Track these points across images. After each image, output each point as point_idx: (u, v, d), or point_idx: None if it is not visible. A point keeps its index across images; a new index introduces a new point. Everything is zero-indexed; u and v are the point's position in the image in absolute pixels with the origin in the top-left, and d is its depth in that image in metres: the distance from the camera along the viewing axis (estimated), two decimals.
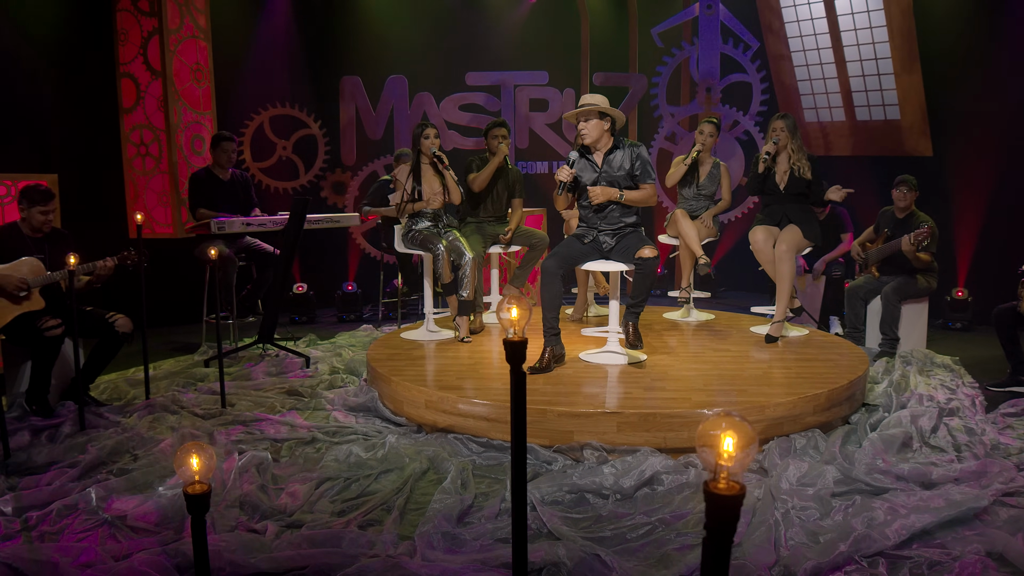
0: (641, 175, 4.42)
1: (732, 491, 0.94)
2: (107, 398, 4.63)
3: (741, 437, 0.99)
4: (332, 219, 5.72)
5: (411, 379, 4.19)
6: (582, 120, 4.36)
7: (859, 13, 7.15)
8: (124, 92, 6.22)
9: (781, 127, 4.98)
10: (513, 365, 1.60)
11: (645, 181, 4.42)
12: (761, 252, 5.03)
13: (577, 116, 4.38)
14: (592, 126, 4.34)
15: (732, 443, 0.98)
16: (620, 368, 4.37)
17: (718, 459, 0.97)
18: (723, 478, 0.96)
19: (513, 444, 1.54)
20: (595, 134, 4.35)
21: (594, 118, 4.34)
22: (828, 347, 4.89)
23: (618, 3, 8.30)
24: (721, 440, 0.98)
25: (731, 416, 1.00)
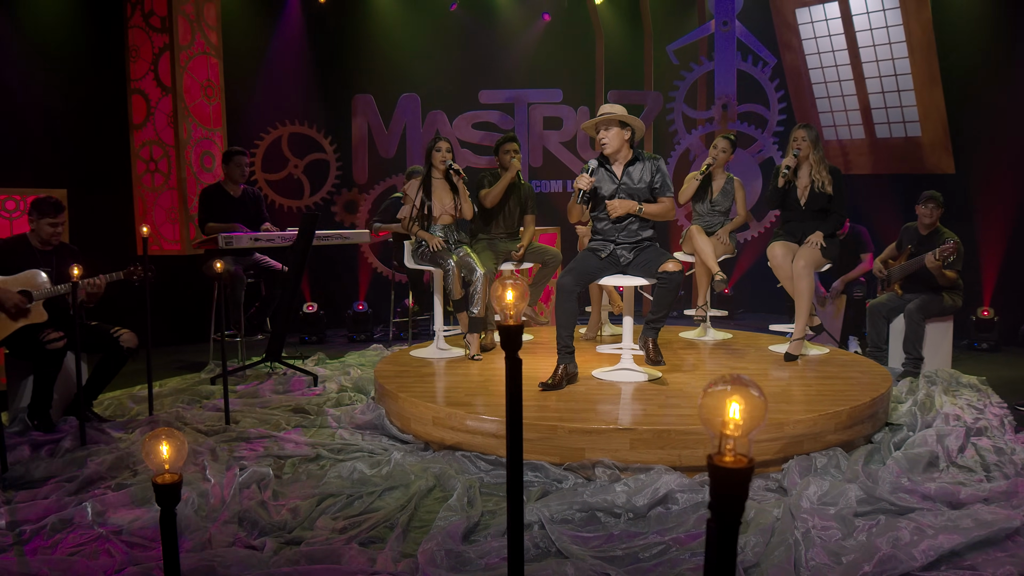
0: (660, 188, 4.36)
1: (740, 464, 0.87)
2: (110, 414, 4.60)
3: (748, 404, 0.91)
4: (342, 235, 5.70)
5: (419, 396, 4.12)
6: (603, 129, 4.31)
7: (878, 29, 7.10)
8: (134, 108, 6.27)
9: (803, 137, 4.89)
10: (508, 351, 1.52)
11: (664, 195, 4.36)
12: (780, 268, 4.94)
13: (597, 125, 4.33)
14: (613, 135, 4.29)
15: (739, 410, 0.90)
16: (635, 385, 4.28)
17: (723, 428, 0.90)
18: (729, 450, 0.88)
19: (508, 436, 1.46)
20: (616, 144, 4.31)
21: (615, 127, 4.29)
22: (849, 365, 4.78)
23: (633, 21, 8.31)
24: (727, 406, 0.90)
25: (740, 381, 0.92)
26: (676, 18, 8.14)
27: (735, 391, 0.93)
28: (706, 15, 7.75)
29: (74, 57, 6.13)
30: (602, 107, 4.34)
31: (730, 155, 5.54)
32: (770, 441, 3.53)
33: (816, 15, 7.46)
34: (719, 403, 0.94)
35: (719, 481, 0.88)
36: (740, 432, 0.92)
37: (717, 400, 0.94)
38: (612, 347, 4.77)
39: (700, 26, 7.80)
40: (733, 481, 0.87)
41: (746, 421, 0.94)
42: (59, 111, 6.04)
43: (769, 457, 3.54)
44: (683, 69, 7.90)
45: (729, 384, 0.93)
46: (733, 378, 0.93)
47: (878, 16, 7.07)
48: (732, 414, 0.95)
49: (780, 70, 7.72)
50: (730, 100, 7.59)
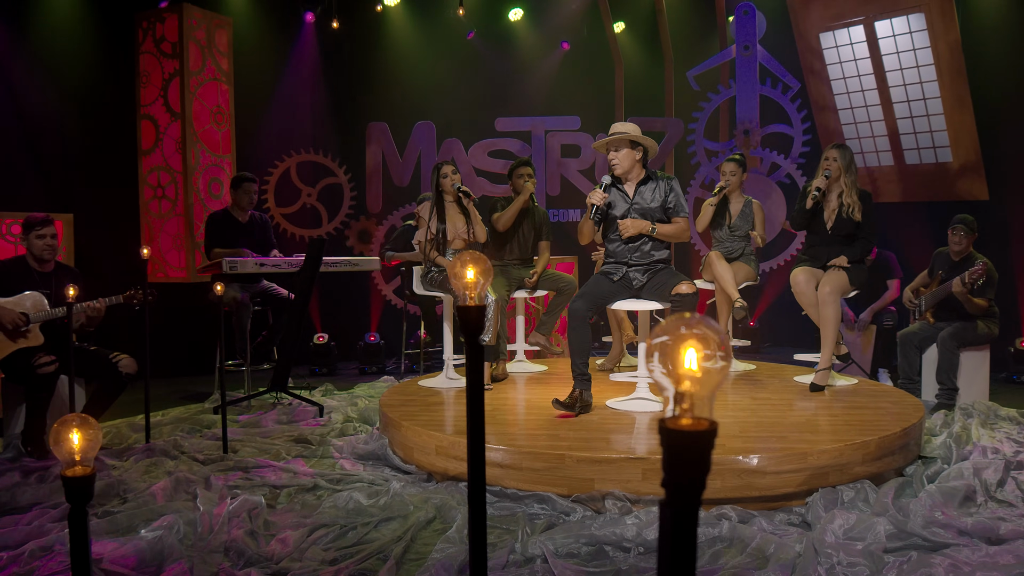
0: (674, 208, 4.27)
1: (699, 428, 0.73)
2: (107, 442, 4.53)
3: (708, 346, 0.76)
4: (351, 262, 5.64)
5: (422, 424, 4.00)
6: (612, 149, 4.24)
7: (904, 52, 7.00)
8: (144, 134, 6.32)
9: (835, 157, 4.74)
10: (468, 336, 1.41)
11: (678, 215, 4.27)
12: (803, 295, 4.79)
13: (607, 145, 4.26)
14: (623, 156, 4.22)
15: (696, 359, 0.76)
16: (650, 415, 4.13)
17: (678, 384, 0.76)
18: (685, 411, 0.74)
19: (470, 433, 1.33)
20: (626, 164, 4.23)
21: (625, 147, 4.22)
22: (879, 395, 4.59)
23: (653, 47, 8.29)
24: (680, 354, 0.76)
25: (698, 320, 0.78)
26: (697, 44, 8.11)
27: (690, 336, 0.78)
28: (727, 40, 7.70)
29: (86, 83, 6.20)
30: (613, 126, 4.27)
31: (742, 176, 5.44)
32: (792, 472, 3.36)
33: (840, 39, 7.39)
34: (671, 352, 0.78)
35: (674, 451, 0.74)
36: (699, 387, 0.78)
37: (668, 349, 0.78)
38: (627, 375, 4.63)
39: (721, 51, 7.75)
40: (692, 450, 0.74)
41: (707, 372, 0.80)
42: (69, 136, 6.10)
43: (792, 489, 3.36)
44: (704, 96, 7.83)
45: (684, 327, 0.79)
46: (688, 320, 0.79)
47: (904, 39, 6.97)
48: (688, 364, 0.80)
49: (804, 95, 7.63)
50: (752, 126, 7.50)
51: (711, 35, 8.01)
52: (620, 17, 8.31)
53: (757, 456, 3.34)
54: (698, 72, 7.74)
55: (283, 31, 7.42)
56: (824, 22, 7.44)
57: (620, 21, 8.40)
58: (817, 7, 7.45)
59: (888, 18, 7.01)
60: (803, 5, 7.53)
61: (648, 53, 8.40)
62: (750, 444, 3.54)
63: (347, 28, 7.58)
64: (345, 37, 7.62)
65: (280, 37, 7.41)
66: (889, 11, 6.98)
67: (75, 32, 6.18)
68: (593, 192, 4.21)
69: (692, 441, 0.74)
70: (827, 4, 7.37)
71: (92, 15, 6.25)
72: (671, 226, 4.26)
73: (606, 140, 4.26)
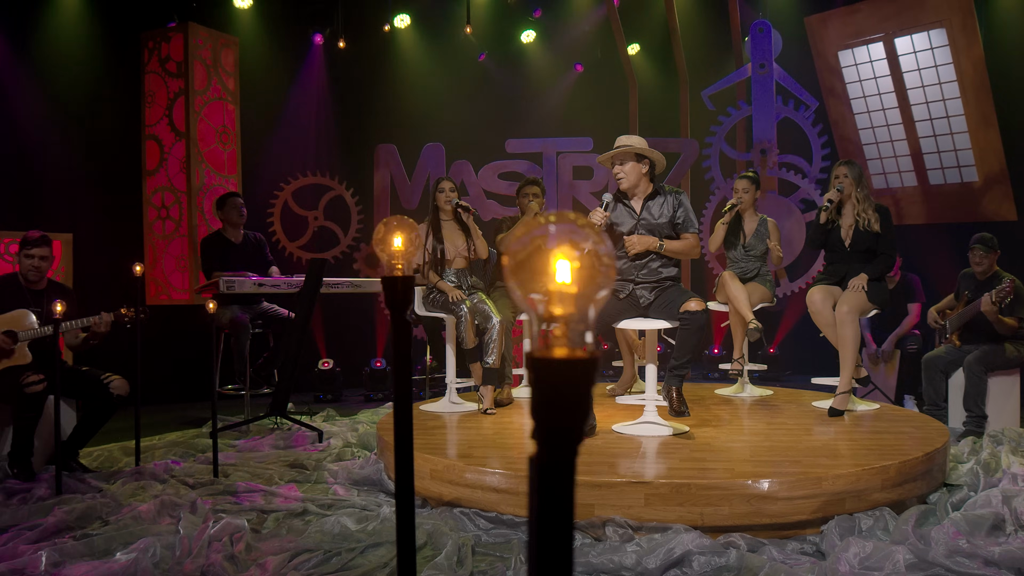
0: (683, 224, 4.17)
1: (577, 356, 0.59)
2: (98, 466, 4.46)
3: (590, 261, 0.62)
4: (353, 283, 5.57)
5: (418, 448, 3.88)
6: (617, 163, 4.15)
7: (926, 69, 6.88)
8: (148, 154, 6.33)
9: (844, 173, 4.68)
10: (394, 311, 1.30)
11: (687, 230, 4.17)
12: (819, 315, 4.65)
13: (612, 159, 4.17)
14: (629, 169, 4.12)
15: (570, 271, 0.61)
16: (658, 440, 3.98)
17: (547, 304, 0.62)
18: (557, 337, 0.60)
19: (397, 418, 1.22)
20: (632, 178, 4.13)
21: (631, 160, 4.13)
22: (902, 420, 4.41)
23: (667, 67, 8.24)
24: (550, 268, 0.62)
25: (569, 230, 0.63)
26: (712, 63, 8.04)
27: (560, 241, 0.63)
28: (743, 59, 7.62)
29: (90, 102, 6.24)
30: (619, 139, 4.19)
31: (755, 194, 5.33)
32: (806, 498, 3.20)
33: (860, 56, 7.29)
34: (537, 264, 0.63)
35: (544, 383, 0.61)
36: (574, 308, 0.66)
37: (535, 260, 0.63)
38: (634, 398, 4.49)
39: (736, 70, 7.67)
40: (566, 386, 0.60)
41: (585, 286, 0.66)
42: (73, 156, 6.12)
43: (805, 517, 3.20)
44: (719, 115, 7.74)
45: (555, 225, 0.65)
46: (560, 229, 0.64)
47: (926, 55, 6.86)
48: (559, 279, 0.66)
49: (822, 114, 7.52)
50: (769, 145, 7.39)
51: (726, 54, 7.94)
52: (633, 37, 8.28)
53: (768, 481, 3.19)
54: (713, 91, 7.66)
55: (291, 52, 7.45)
56: (843, 40, 7.36)
57: (635, 43, 8.37)
58: (835, 25, 7.37)
59: (908, 34, 6.91)
60: (821, 23, 7.46)
61: (663, 73, 8.35)
62: (761, 468, 3.39)
63: (356, 49, 7.60)
64: (354, 58, 7.63)
65: (288, 58, 7.43)
66: (909, 27, 6.89)
67: (80, 51, 6.23)
68: (594, 212, 4.11)
69: (566, 375, 0.59)
70: (845, 22, 7.29)
71: (97, 34, 6.30)
72: (680, 242, 4.16)
73: (611, 154, 4.17)
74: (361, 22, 7.53)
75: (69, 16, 6.28)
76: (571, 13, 8.16)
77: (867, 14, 7.13)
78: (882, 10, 7.02)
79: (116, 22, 6.37)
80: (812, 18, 7.49)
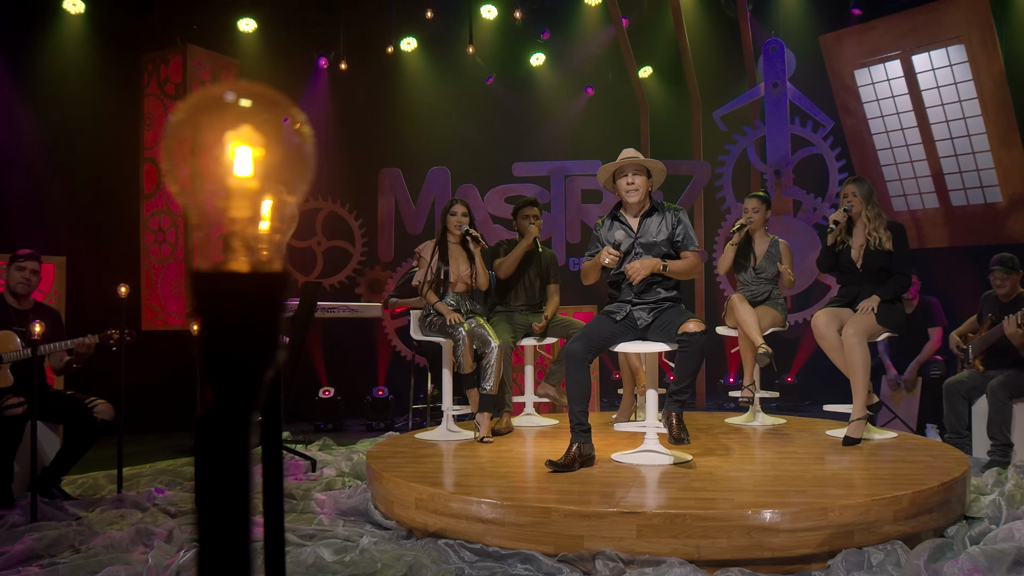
0: (683, 241, 4.03)
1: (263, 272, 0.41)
2: (82, 493, 4.38)
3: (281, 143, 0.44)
4: (350, 308, 5.49)
5: (405, 476, 3.76)
6: (632, 174, 4.02)
7: (945, 86, 6.74)
8: (146, 177, 6.33)
9: (853, 192, 4.56)
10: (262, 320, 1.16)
11: (688, 248, 4.03)
12: (824, 338, 4.49)
13: (624, 169, 4.04)
14: (642, 182, 4.02)
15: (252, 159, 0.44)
16: (658, 469, 3.83)
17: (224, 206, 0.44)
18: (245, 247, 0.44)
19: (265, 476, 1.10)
20: (643, 192, 4.03)
21: (643, 174, 4.03)
22: (920, 449, 4.22)
23: (679, 89, 8.16)
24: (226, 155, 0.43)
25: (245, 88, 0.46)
26: (725, 83, 7.96)
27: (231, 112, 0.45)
28: (756, 78, 7.53)
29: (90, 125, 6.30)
30: (625, 151, 4.08)
31: (765, 214, 5.20)
32: (811, 531, 3.03)
33: (877, 75, 7.17)
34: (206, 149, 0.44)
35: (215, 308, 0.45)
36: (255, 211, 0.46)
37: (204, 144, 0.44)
38: (634, 425, 4.33)
39: (748, 90, 7.58)
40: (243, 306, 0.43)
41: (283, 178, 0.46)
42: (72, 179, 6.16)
43: (810, 551, 3.03)
44: (732, 136, 7.63)
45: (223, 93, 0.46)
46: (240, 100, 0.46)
47: (944, 72, 6.73)
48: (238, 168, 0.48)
49: (839, 134, 7.38)
50: (784, 166, 7.26)
51: (739, 74, 7.86)
52: (645, 59, 8.23)
53: (770, 511, 3.02)
54: (725, 112, 7.56)
55: (294, 74, 7.48)
56: (859, 58, 7.25)
57: (647, 66, 8.32)
58: (851, 43, 7.27)
59: (926, 51, 6.79)
60: (836, 41, 7.36)
61: (675, 94, 8.28)
62: (763, 498, 3.22)
63: (360, 72, 7.61)
64: (358, 81, 7.65)
65: (291, 80, 7.46)
66: (927, 44, 6.77)
67: (81, 74, 6.30)
68: (602, 252, 3.95)
69: (245, 296, 0.41)
70: (861, 39, 7.19)
71: (99, 57, 6.38)
72: (682, 262, 4.03)
73: (623, 163, 4.04)
74: (366, 45, 7.55)
75: (71, 39, 6.36)
76: (580, 35, 8.13)
77: (883, 31, 7.02)
78: (899, 27, 6.91)
79: (118, 45, 6.43)
80: (827, 36, 7.39)
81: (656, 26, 7.93)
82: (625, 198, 4.07)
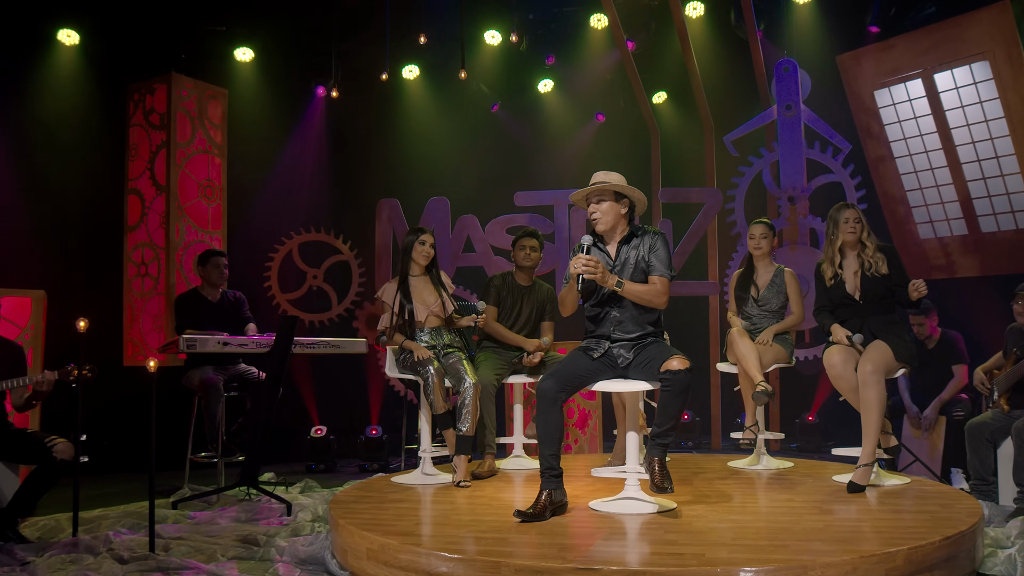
0: (651, 267, 3.79)
1: None
2: (41, 536, 4.28)
3: None
4: (332, 344, 5.32)
5: (360, 524, 3.57)
6: (593, 202, 3.85)
7: (970, 105, 6.47)
8: (130, 209, 6.32)
9: (856, 217, 4.39)
10: None
11: (655, 273, 3.78)
12: (840, 378, 4.25)
13: (588, 196, 3.87)
14: (606, 209, 3.82)
15: None
16: (636, 518, 3.59)
17: None
18: None
19: None
20: (610, 219, 3.83)
21: (608, 199, 3.83)
22: (931, 498, 3.91)
23: (691, 114, 7.98)
24: None
25: None
26: (738, 107, 7.74)
27: None
28: (770, 101, 7.32)
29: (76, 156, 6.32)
30: (596, 175, 3.90)
31: (772, 240, 4.98)
32: None
33: (898, 95, 6.92)
34: None
35: None
36: None
37: None
38: (613, 471, 4.10)
39: (760, 113, 7.36)
40: None
41: None
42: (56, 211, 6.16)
43: None
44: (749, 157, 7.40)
45: None
46: None
47: (969, 91, 6.46)
48: None
49: (854, 157, 7.11)
50: (797, 192, 7.00)
51: (752, 97, 7.64)
52: (654, 83, 8.09)
53: (743, 569, 2.78)
54: (736, 136, 7.34)
55: (289, 103, 7.46)
56: (878, 78, 7.01)
57: (661, 91, 8.17)
58: (870, 62, 7.04)
59: (948, 69, 6.54)
60: (854, 61, 7.13)
61: (687, 121, 8.10)
62: (739, 554, 2.97)
63: (359, 100, 7.58)
64: (356, 109, 7.62)
65: (286, 109, 7.44)
66: (949, 61, 6.51)
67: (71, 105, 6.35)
68: (575, 259, 3.77)
69: None
70: (880, 59, 6.95)
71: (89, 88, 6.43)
72: (641, 286, 3.75)
73: (586, 192, 3.88)
74: (365, 73, 7.51)
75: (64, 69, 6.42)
76: (587, 60, 8.01)
77: (903, 49, 6.78)
78: (919, 44, 6.66)
79: (108, 75, 6.48)
80: (844, 56, 7.17)
81: (665, 49, 7.78)
82: (592, 225, 3.89)
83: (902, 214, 7.17)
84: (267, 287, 7.14)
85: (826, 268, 4.42)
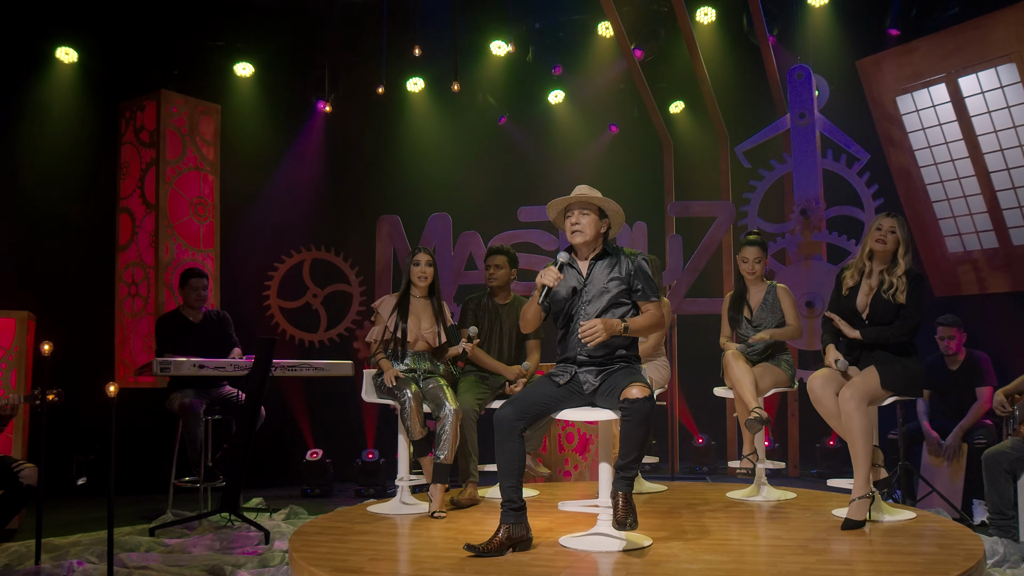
0: (642, 292, 3.64)
1: None
2: (8, 563, 4.23)
3: None
4: (315, 367, 5.22)
5: (312, 558, 3.44)
6: (578, 213, 3.70)
7: (997, 111, 6.16)
8: (121, 228, 6.32)
9: (893, 227, 4.01)
10: None
11: (648, 299, 3.63)
12: (818, 403, 4.02)
13: (571, 206, 3.72)
14: (589, 223, 3.69)
15: None
16: (606, 557, 3.40)
17: None
18: None
19: None
20: (590, 234, 3.70)
21: (593, 213, 3.68)
22: (932, 536, 3.66)
23: (705, 126, 7.77)
24: None
25: None
26: (753, 117, 7.51)
27: None
28: (785, 109, 7.08)
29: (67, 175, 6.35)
30: (578, 188, 3.76)
31: (766, 259, 4.76)
32: None
33: (921, 101, 6.63)
34: None
35: None
36: None
37: None
38: (582, 504, 3.90)
39: (773, 123, 7.11)
40: None
41: None
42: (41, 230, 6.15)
43: None
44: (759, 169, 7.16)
45: None
46: None
47: (995, 95, 6.15)
48: None
49: (873, 167, 6.82)
50: (812, 204, 6.73)
51: (767, 106, 7.40)
52: (667, 92, 7.94)
53: None
54: (748, 147, 7.11)
55: (289, 118, 7.42)
56: (900, 84, 6.73)
57: (678, 100, 7.99)
58: (891, 67, 6.76)
59: (973, 72, 6.24)
60: (874, 65, 6.86)
61: (701, 132, 7.90)
62: None
63: (359, 115, 7.53)
64: (357, 124, 7.56)
65: (286, 124, 7.41)
66: (974, 64, 6.21)
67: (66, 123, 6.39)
68: (546, 270, 3.64)
69: None
70: (901, 63, 6.67)
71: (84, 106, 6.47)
72: (642, 317, 3.63)
73: (569, 199, 3.72)
74: (365, 87, 7.45)
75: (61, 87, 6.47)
76: (595, 69, 7.85)
77: (925, 52, 6.50)
78: (942, 47, 6.38)
79: (102, 93, 6.51)
80: (864, 61, 6.90)
81: (676, 57, 7.59)
82: (570, 239, 3.74)
83: (928, 226, 6.85)
84: (266, 306, 7.11)
85: (848, 275, 4.15)
